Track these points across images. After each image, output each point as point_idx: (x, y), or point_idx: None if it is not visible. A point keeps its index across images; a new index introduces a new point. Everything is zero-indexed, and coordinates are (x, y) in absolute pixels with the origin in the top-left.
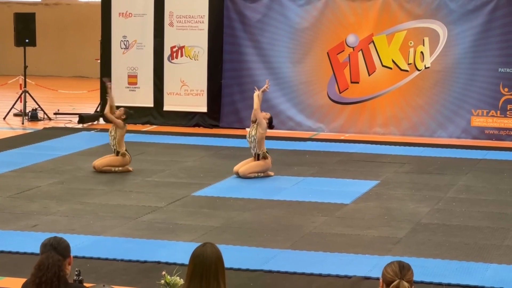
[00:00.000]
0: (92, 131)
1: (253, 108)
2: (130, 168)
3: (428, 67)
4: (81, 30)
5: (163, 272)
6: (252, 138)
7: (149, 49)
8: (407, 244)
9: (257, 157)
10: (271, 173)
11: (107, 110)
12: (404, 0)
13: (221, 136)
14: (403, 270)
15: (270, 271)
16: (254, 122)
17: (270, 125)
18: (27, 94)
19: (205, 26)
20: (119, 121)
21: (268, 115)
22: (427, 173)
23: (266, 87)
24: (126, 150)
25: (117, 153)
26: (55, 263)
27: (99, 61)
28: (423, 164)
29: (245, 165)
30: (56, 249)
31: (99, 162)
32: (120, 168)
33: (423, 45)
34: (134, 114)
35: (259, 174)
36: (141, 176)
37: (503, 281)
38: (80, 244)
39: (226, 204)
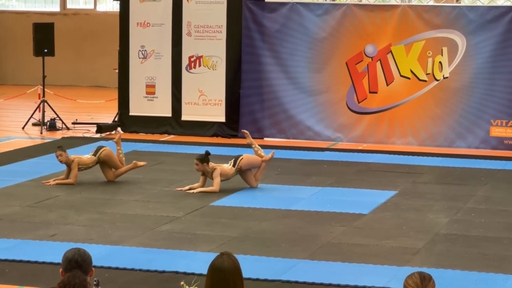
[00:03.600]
0: (110, 141)
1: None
2: (141, 163)
3: (447, 77)
4: (99, 40)
5: (182, 282)
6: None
7: (167, 59)
8: (426, 255)
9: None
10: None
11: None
12: (423, 10)
13: (240, 146)
14: (424, 281)
15: (288, 282)
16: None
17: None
18: (45, 103)
19: (223, 36)
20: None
21: (216, 169)
22: (446, 183)
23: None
24: (94, 153)
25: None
26: (81, 284)
27: (117, 70)
28: (442, 174)
29: (251, 178)
30: (81, 267)
31: (111, 175)
32: (129, 166)
33: (442, 55)
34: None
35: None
36: (159, 186)
37: None
38: (98, 254)
39: (244, 214)
